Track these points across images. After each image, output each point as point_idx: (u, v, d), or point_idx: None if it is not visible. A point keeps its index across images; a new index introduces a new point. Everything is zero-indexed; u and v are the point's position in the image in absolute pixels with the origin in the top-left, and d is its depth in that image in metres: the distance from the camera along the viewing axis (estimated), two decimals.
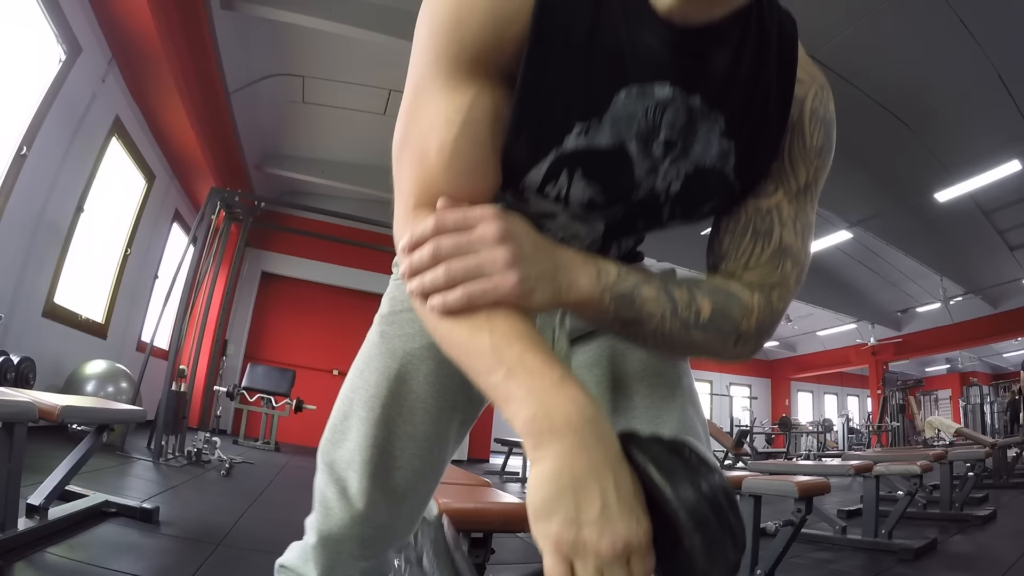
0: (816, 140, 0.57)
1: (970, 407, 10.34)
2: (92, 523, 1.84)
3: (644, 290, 0.51)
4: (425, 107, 0.51)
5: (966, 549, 2.73)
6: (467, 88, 0.50)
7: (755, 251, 0.56)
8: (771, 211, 0.57)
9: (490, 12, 0.48)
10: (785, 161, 0.57)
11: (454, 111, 0.49)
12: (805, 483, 1.89)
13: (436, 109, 0.50)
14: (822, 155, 0.58)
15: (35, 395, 1.61)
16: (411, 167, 0.52)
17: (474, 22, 0.48)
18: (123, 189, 4.60)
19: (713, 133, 0.54)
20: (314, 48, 4.68)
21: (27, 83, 3.14)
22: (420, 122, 0.51)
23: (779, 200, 0.57)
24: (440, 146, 0.49)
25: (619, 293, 0.51)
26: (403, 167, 0.53)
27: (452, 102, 0.50)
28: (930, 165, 5.56)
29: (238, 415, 5.98)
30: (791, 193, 0.57)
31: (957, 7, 3.79)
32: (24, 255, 3.26)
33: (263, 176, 6.59)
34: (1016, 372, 12.57)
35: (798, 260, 0.57)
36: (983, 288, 8.24)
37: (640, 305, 0.51)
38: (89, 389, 3.64)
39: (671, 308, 0.52)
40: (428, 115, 0.51)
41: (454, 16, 0.49)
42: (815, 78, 0.57)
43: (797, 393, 14.98)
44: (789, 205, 0.57)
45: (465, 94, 0.50)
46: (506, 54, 0.50)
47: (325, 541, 0.68)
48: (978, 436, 5.75)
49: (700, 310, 0.53)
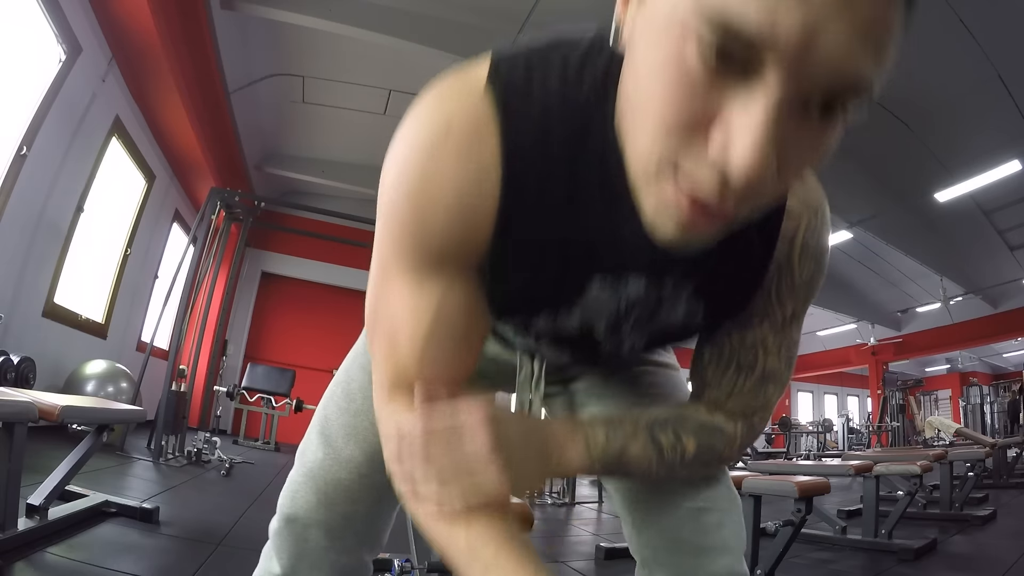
0: (805, 275, 0.54)
1: (970, 407, 10.33)
2: (92, 523, 1.84)
3: (631, 448, 0.52)
4: (392, 292, 0.49)
5: (966, 549, 2.73)
6: (435, 283, 0.47)
7: (739, 382, 0.56)
8: (755, 345, 0.55)
9: (455, 211, 0.44)
10: (772, 296, 0.54)
11: (424, 308, 0.47)
12: (805, 483, 1.89)
13: (403, 300, 0.48)
14: (811, 286, 0.55)
15: (35, 395, 1.61)
16: (383, 347, 0.51)
17: (438, 223, 0.45)
18: (123, 189, 4.61)
19: (680, 299, 0.52)
20: (314, 48, 4.68)
21: (27, 83, 3.14)
22: (389, 304, 0.49)
23: (764, 334, 0.55)
24: (410, 339, 0.48)
25: (607, 459, 0.52)
26: (376, 342, 0.52)
27: (420, 297, 0.47)
28: (930, 165, 5.55)
29: (238, 415, 5.99)
30: (777, 325, 0.55)
31: (957, 7, 3.79)
32: (24, 255, 3.26)
33: (263, 176, 6.59)
34: (1016, 372, 12.58)
35: (780, 381, 0.57)
36: (983, 288, 8.24)
37: (628, 461, 0.53)
38: (89, 389, 3.64)
39: (657, 455, 0.53)
40: (396, 302, 0.49)
41: (417, 216, 0.45)
42: (809, 204, 0.52)
43: (797, 393, 14.98)
44: (774, 336, 0.55)
45: (433, 291, 0.47)
46: (476, 245, 0.47)
47: (291, 522, 0.67)
48: (978, 436, 5.74)
49: (685, 450, 0.54)
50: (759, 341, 0.55)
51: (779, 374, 0.56)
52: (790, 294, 0.54)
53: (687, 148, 0.33)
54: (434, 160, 0.44)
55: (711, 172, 0.33)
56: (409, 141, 0.45)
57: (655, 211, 0.37)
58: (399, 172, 0.45)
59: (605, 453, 0.51)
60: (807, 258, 0.53)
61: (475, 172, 0.44)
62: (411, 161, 0.45)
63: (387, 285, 0.49)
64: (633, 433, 0.53)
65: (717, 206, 0.34)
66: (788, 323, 0.55)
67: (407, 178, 0.45)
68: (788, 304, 0.54)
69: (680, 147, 0.33)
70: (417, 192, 0.44)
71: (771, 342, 0.55)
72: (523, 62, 0.45)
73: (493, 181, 0.44)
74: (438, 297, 0.47)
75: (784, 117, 0.31)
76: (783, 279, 0.53)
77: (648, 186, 0.37)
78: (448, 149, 0.43)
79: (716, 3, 0.29)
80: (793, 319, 0.56)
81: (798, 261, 0.52)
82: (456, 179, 0.44)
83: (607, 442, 0.51)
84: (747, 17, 0.28)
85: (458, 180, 0.44)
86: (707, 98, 0.32)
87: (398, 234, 0.47)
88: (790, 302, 0.54)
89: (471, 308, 0.49)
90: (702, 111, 0.32)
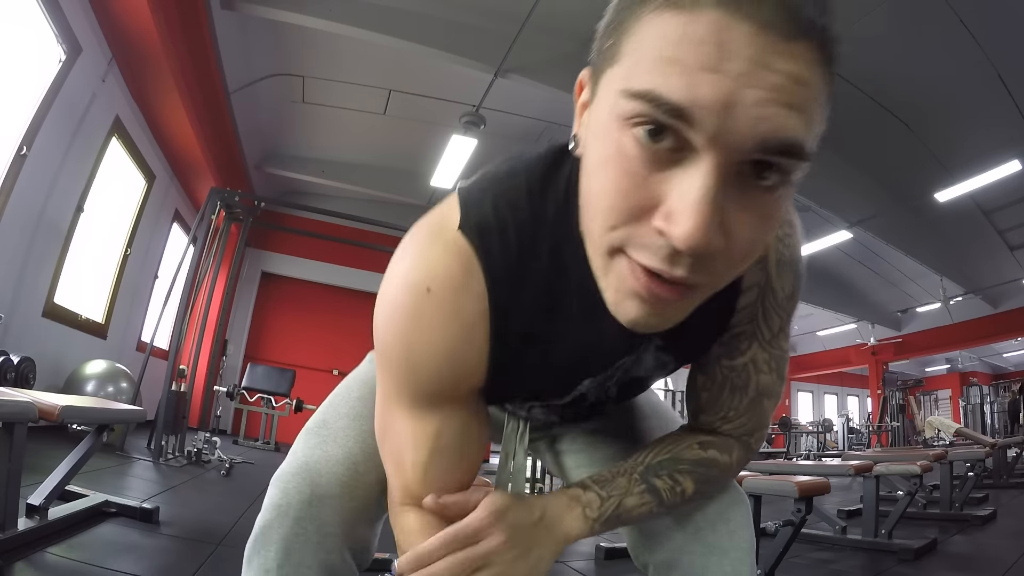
0: (787, 289, 0.55)
1: (970, 407, 10.33)
2: (92, 523, 1.84)
3: (627, 501, 0.54)
4: (395, 420, 0.53)
5: (966, 549, 2.73)
6: (432, 416, 0.51)
7: (733, 403, 0.57)
8: (746, 366, 0.56)
9: (445, 362, 0.48)
10: (759, 317, 0.55)
11: (423, 438, 0.51)
12: (805, 483, 1.89)
13: (405, 429, 0.52)
14: (793, 299, 0.56)
15: (35, 395, 1.60)
16: (391, 466, 0.55)
17: (431, 372, 0.48)
18: (123, 189, 4.60)
19: (648, 356, 0.55)
20: (314, 48, 4.68)
21: (27, 83, 3.14)
22: (393, 430, 0.53)
23: (754, 353, 0.56)
24: (413, 464, 0.52)
25: (606, 520, 0.54)
26: (385, 458, 0.56)
27: (419, 429, 0.51)
28: (930, 165, 5.55)
29: (238, 415, 5.99)
30: (765, 342, 0.56)
31: (957, 7, 3.79)
32: (24, 255, 3.26)
33: (263, 176, 6.59)
34: (1017, 372, 12.58)
35: (774, 394, 0.58)
36: (983, 288, 8.23)
37: (627, 515, 0.55)
38: (89, 389, 3.64)
39: (656, 502, 0.55)
40: (399, 429, 0.52)
41: (408, 363, 0.48)
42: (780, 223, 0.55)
43: (797, 393, 14.97)
44: (764, 352, 0.56)
45: (431, 423, 0.51)
46: (470, 384, 0.50)
47: (283, 516, 0.61)
48: (978, 436, 5.74)
49: (684, 490, 0.56)
50: (750, 361, 0.56)
51: (772, 388, 0.58)
52: (776, 311, 0.55)
53: (633, 234, 0.35)
54: (418, 320, 0.47)
55: (659, 241, 0.34)
56: (393, 299, 0.48)
57: (615, 294, 0.39)
58: (387, 322, 0.49)
59: (601, 514, 0.54)
60: (786, 272, 0.54)
61: (460, 329, 0.47)
62: (396, 321, 0.48)
63: (391, 414, 0.53)
64: (627, 488, 0.55)
65: (670, 274, 0.35)
66: (776, 337, 0.56)
67: (396, 331, 0.48)
68: (775, 321, 0.56)
69: (630, 232, 0.35)
70: (406, 348, 0.48)
71: (761, 359, 0.56)
72: (491, 201, 0.47)
73: (482, 330, 0.48)
74: (436, 427, 0.51)
75: (720, 183, 0.32)
76: (767, 298, 0.54)
77: (606, 275, 0.39)
78: (432, 309, 0.46)
79: (643, 83, 0.32)
80: (780, 332, 0.57)
81: (777, 277, 0.53)
82: (443, 338, 0.47)
83: (602, 504, 0.54)
84: (671, 89, 0.31)
85: (445, 339, 0.47)
86: (649, 184, 0.34)
87: (394, 374, 0.50)
88: (776, 318, 0.55)
89: (471, 429, 0.53)
90: (647, 197, 0.34)
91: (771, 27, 0.30)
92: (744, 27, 0.30)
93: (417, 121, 5.62)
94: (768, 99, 0.31)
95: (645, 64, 0.32)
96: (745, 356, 0.56)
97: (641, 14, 0.33)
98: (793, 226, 0.54)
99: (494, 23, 4.10)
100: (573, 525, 0.53)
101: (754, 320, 0.55)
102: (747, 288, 0.53)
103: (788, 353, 0.60)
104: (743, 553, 0.61)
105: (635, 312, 0.38)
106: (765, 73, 0.30)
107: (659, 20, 0.32)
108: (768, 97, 0.31)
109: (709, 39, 0.30)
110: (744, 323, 0.55)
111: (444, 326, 0.46)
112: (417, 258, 0.47)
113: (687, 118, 0.31)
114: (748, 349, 0.56)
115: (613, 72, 0.35)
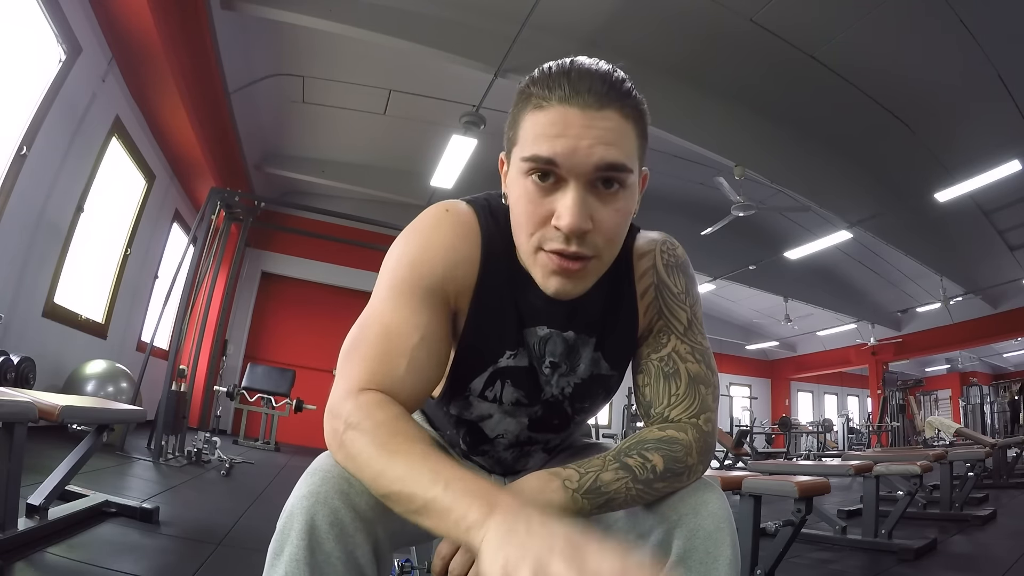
0: (681, 284, 0.73)
1: (970, 407, 10.33)
2: (92, 523, 1.84)
3: (604, 475, 0.61)
4: (387, 311, 0.63)
5: (966, 549, 2.73)
6: (423, 311, 0.64)
7: (672, 389, 0.69)
8: (671, 356, 0.70)
9: (441, 257, 0.66)
10: (665, 312, 0.72)
11: (415, 324, 0.63)
12: (805, 483, 1.89)
13: (398, 317, 0.63)
14: (691, 293, 0.73)
15: (35, 395, 1.60)
16: (371, 350, 0.61)
17: (434, 263, 0.65)
18: (123, 189, 4.60)
19: (587, 351, 0.73)
20: (314, 48, 4.68)
21: (27, 83, 3.14)
22: (383, 316, 0.63)
23: (674, 345, 0.71)
24: (400, 347, 0.61)
25: (586, 490, 0.60)
26: (353, 360, 0.61)
27: (413, 316, 0.63)
28: (930, 165, 5.55)
29: (238, 415, 5.99)
30: (680, 334, 0.71)
31: (957, 7, 3.79)
32: (24, 255, 3.26)
33: (263, 176, 6.59)
34: (1017, 372, 12.58)
35: (709, 383, 0.70)
36: (983, 288, 8.23)
37: (606, 489, 0.61)
38: (89, 389, 3.64)
39: (631, 477, 0.62)
40: (391, 318, 0.63)
41: (418, 257, 0.65)
42: (654, 242, 0.75)
43: (797, 393, 14.96)
44: (683, 344, 0.71)
45: (422, 315, 0.63)
46: (449, 293, 0.66)
47: (312, 529, 0.57)
48: (978, 436, 5.75)
49: (655, 466, 0.63)
50: (673, 351, 0.70)
51: (704, 376, 0.70)
52: (677, 304, 0.72)
53: (543, 235, 0.60)
54: (436, 225, 0.68)
55: (558, 234, 0.59)
56: (414, 222, 0.69)
57: (541, 275, 0.62)
58: (407, 232, 0.68)
59: (581, 485, 0.60)
60: (674, 272, 0.73)
61: (461, 247, 0.67)
62: (415, 227, 0.68)
63: (384, 313, 0.63)
64: (602, 465, 0.62)
65: (568, 250, 0.59)
66: (689, 329, 0.72)
67: (414, 231, 0.68)
68: (681, 313, 0.72)
69: (542, 234, 0.60)
70: (422, 242, 0.66)
71: (683, 349, 0.70)
72: (483, 201, 0.71)
73: (474, 262, 0.67)
74: (425, 319, 0.63)
75: (582, 194, 0.57)
76: (664, 294, 0.72)
77: (533, 265, 0.63)
78: (447, 222, 0.68)
79: (530, 151, 0.58)
80: (691, 326, 0.72)
81: (667, 276, 0.73)
82: (448, 242, 0.66)
83: (581, 477, 0.61)
84: (543, 151, 0.57)
85: (448, 244, 0.66)
86: (545, 204, 0.59)
87: (401, 270, 0.65)
88: (681, 311, 0.72)
89: (445, 343, 0.66)
90: (546, 212, 0.59)
91: (588, 106, 0.56)
92: (575, 110, 0.56)
93: (417, 121, 5.62)
94: (594, 144, 0.56)
95: (529, 141, 0.58)
96: (668, 347, 0.71)
97: (523, 115, 0.60)
98: (668, 242, 0.76)
99: (494, 23, 4.10)
100: (556, 495, 0.59)
101: (663, 316, 0.72)
102: (644, 291, 0.73)
103: (710, 348, 0.73)
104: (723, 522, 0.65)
105: (556, 284, 0.61)
106: (590, 130, 0.56)
107: (532, 116, 0.59)
108: (594, 143, 0.56)
109: (558, 121, 0.57)
110: (656, 320, 0.72)
111: (451, 234, 0.67)
112: (434, 207, 0.69)
113: (554, 164, 0.57)
114: (669, 342, 0.71)
115: (516, 150, 0.61)
